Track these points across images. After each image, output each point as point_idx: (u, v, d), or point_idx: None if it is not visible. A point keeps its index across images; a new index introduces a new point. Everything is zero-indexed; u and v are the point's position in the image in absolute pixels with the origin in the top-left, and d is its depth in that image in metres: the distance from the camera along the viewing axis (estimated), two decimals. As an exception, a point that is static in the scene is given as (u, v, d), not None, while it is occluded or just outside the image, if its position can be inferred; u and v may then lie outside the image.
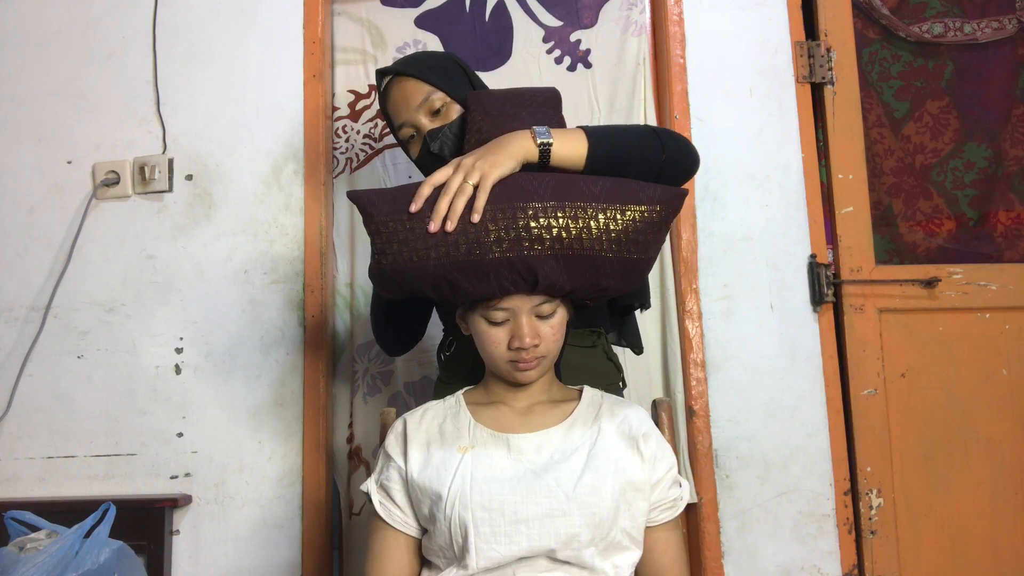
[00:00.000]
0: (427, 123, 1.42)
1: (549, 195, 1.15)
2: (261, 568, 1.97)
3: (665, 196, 1.19)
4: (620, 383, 1.47)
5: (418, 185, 1.18)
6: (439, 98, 1.42)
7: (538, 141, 1.21)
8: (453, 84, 1.44)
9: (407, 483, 1.20)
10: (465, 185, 1.15)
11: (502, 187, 1.16)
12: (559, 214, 1.15)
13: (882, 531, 1.92)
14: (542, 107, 1.35)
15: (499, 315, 1.19)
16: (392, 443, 1.24)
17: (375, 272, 1.20)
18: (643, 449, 1.20)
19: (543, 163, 1.22)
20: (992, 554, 1.95)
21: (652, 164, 1.24)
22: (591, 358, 1.43)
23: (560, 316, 1.22)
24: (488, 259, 1.14)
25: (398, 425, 1.26)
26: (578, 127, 1.26)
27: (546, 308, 1.19)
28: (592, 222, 1.15)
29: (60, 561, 1.46)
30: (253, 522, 1.98)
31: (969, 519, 1.95)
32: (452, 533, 1.13)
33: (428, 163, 1.43)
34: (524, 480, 1.15)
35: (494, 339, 1.20)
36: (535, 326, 1.19)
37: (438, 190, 1.17)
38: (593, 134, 1.24)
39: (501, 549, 1.12)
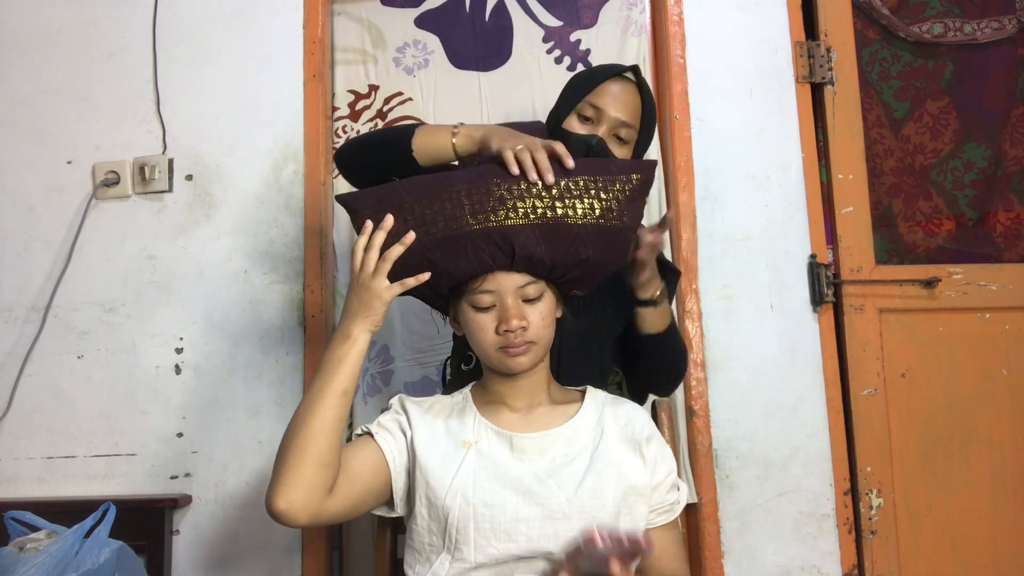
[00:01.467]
0: (605, 133, 1.48)
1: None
2: (261, 568, 1.96)
3: (638, 167, 1.23)
4: None
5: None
6: (632, 135, 1.50)
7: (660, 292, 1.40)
8: (645, 139, 1.54)
9: (410, 449, 1.18)
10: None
11: (478, 168, 1.20)
12: (533, 188, 1.17)
13: (882, 531, 1.92)
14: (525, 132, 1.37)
15: (484, 298, 1.18)
16: (396, 410, 1.23)
17: None
18: (645, 452, 1.20)
19: (644, 301, 1.39)
20: (992, 554, 1.94)
21: (675, 369, 1.51)
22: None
23: (547, 302, 1.21)
24: (464, 232, 1.15)
25: (401, 403, 1.25)
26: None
27: (531, 290, 1.19)
28: (566, 193, 1.17)
29: (60, 561, 1.46)
30: (253, 522, 1.98)
31: (969, 519, 1.95)
32: (450, 522, 1.13)
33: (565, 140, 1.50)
34: (526, 480, 1.15)
35: (481, 325, 1.19)
36: (521, 308, 1.18)
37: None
38: (674, 326, 1.46)
39: (500, 546, 1.12)
